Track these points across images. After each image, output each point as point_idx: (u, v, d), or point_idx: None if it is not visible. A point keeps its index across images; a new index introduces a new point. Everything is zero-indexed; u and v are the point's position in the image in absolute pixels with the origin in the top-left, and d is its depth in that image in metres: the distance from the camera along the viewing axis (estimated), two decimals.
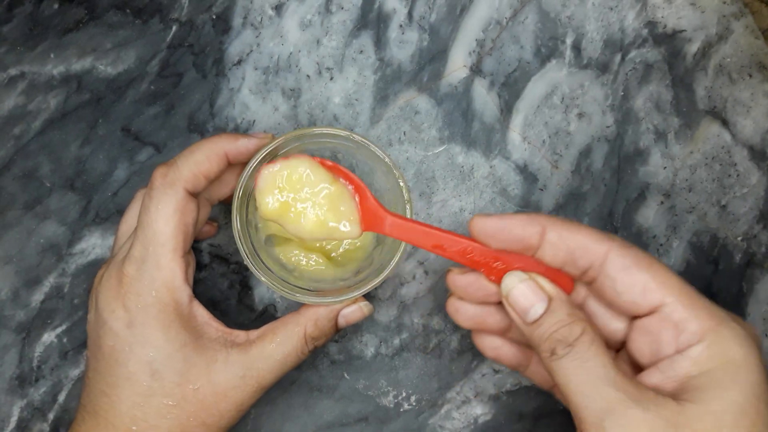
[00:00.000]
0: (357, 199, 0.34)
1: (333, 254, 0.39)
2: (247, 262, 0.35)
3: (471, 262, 0.32)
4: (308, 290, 0.36)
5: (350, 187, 0.34)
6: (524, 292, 0.31)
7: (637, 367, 0.31)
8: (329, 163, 0.34)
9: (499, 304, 0.33)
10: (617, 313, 0.32)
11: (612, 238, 0.30)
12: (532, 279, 0.31)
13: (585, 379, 0.28)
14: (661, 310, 0.29)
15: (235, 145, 0.35)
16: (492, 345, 0.36)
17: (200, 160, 0.34)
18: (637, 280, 0.29)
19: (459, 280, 0.34)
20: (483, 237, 0.32)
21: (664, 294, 0.29)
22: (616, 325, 0.32)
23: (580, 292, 0.33)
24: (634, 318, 0.31)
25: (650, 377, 0.29)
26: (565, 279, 0.32)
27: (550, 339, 0.30)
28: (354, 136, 0.35)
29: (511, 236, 0.31)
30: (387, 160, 0.35)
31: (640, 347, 0.30)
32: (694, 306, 0.28)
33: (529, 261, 0.32)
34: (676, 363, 0.28)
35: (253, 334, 0.35)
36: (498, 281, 0.32)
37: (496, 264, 0.32)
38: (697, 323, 0.28)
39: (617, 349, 0.33)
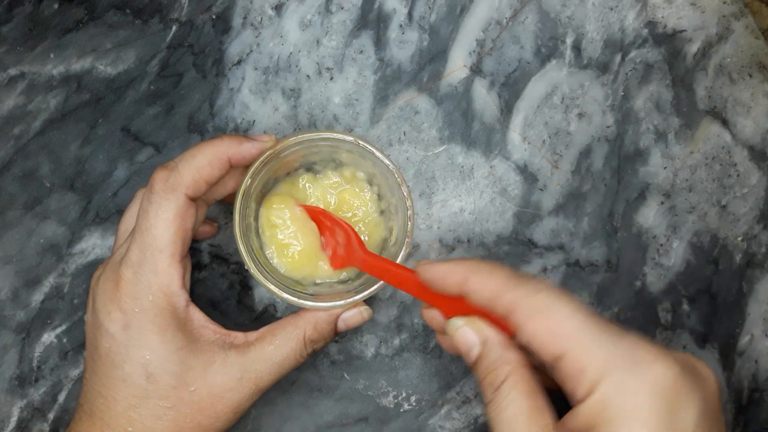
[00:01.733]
0: (334, 245, 0.37)
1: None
2: (249, 266, 0.35)
3: (429, 300, 0.34)
4: (308, 294, 0.35)
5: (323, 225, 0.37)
6: (462, 337, 0.31)
7: None
8: (312, 208, 0.37)
9: None
10: None
11: (524, 283, 0.30)
12: (468, 323, 0.31)
13: (503, 427, 0.28)
14: (564, 357, 0.28)
15: (238, 150, 0.34)
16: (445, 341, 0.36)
17: (202, 165, 0.33)
18: (539, 329, 0.29)
19: (426, 314, 0.35)
20: (424, 283, 0.33)
21: (562, 343, 0.28)
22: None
23: None
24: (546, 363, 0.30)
25: (571, 420, 0.28)
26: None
27: (483, 383, 0.30)
28: (360, 141, 0.35)
29: (439, 284, 0.32)
30: (393, 168, 0.35)
31: (565, 388, 0.29)
32: (587, 354, 0.27)
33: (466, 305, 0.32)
34: (581, 411, 0.27)
35: (252, 335, 0.35)
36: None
37: (445, 304, 0.33)
38: (591, 373, 0.27)
39: None
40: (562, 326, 0.28)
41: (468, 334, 0.31)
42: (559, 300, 0.29)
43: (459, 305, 0.32)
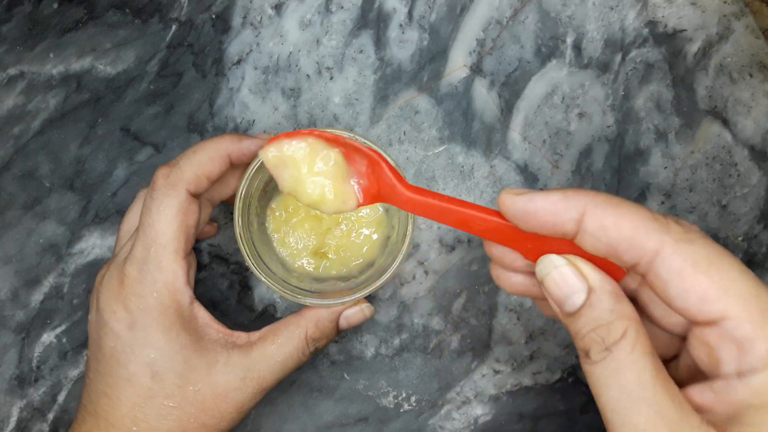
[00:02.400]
0: (364, 169, 0.30)
1: (331, 255, 0.39)
2: (250, 264, 0.35)
3: (503, 240, 0.28)
4: (310, 292, 0.35)
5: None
6: (560, 279, 0.26)
7: (696, 372, 0.26)
8: (329, 134, 0.31)
9: None
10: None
11: (668, 227, 0.24)
12: (570, 264, 0.26)
13: (618, 395, 0.24)
14: (722, 323, 0.23)
15: (239, 147, 0.35)
16: (514, 281, 0.31)
17: (203, 161, 0.34)
18: (693, 286, 0.24)
19: (494, 249, 0.30)
20: (511, 217, 0.26)
21: (727, 305, 0.23)
22: (675, 320, 0.27)
23: (636, 276, 0.28)
24: (693, 323, 0.25)
25: (702, 395, 0.24)
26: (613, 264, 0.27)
27: (587, 338, 0.25)
28: (361, 139, 0.35)
29: (541, 221, 0.26)
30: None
31: (699, 355, 0.25)
32: (765, 323, 0.23)
33: (567, 245, 0.27)
34: (734, 387, 0.23)
35: (254, 335, 0.35)
36: (535, 260, 0.27)
37: (530, 245, 0.28)
38: (766, 346, 0.23)
39: (676, 349, 0.28)
40: (726, 287, 0.23)
41: (570, 277, 0.26)
42: (721, 255, 0.24)
43: (545, 247, 0.27)
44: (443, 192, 0.42)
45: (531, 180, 0.42)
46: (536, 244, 0.27)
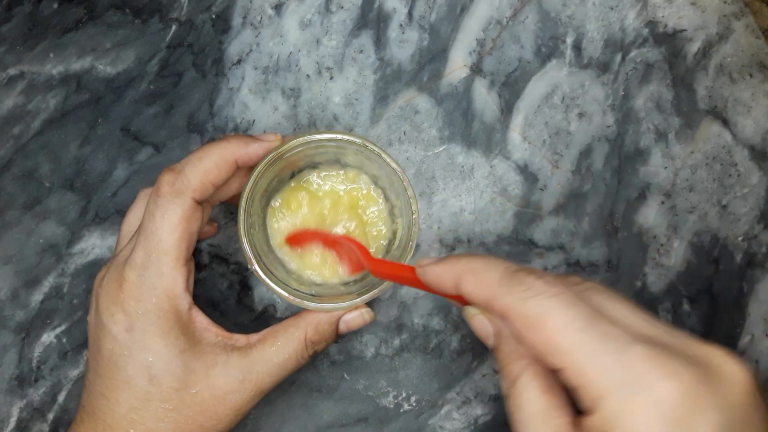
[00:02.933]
0: (348, 258, 0.37)
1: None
2: (253, 266, 0.35)
3: (442, 294, 0.33)
4: (310, 295, 0.35)
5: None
6: (478, 325, 0.30)
7: None
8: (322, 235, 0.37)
9: None
10: None
11: (516, 284, 0.27)
12: (484, 312, 0.30)
13: (519, 427, 0.27)
14: (564, 371, 0.26)
15: (246, 151, 0.34)
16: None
17: (209, 168, 0.33)
18: (534, 341, 0.26)
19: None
20: (424, 283, 0.32)
21: (558, 358, 0.25)
22: None
23: None
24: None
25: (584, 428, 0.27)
26: None
27: (501, 373, 0.29)
28: (367, 143, 0.35)
29: (438, 288, 0.31)
30: (399, 172, 0.35)
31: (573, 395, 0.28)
32: (591, 367, 0.25)
33: None
34: (586, 425, 0.25)
35: (254, 337, 0.35)
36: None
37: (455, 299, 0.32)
38: (595, 388, 0.25)
39: None
40: (556, 340, 0.26)
41: (482, 323, 0.30)
42: (554, 308, 0.26)
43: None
44: (443, 192, 0.42)
45: (531, 180, 0.42)
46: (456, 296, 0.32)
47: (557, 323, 0.26)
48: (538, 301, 0.26)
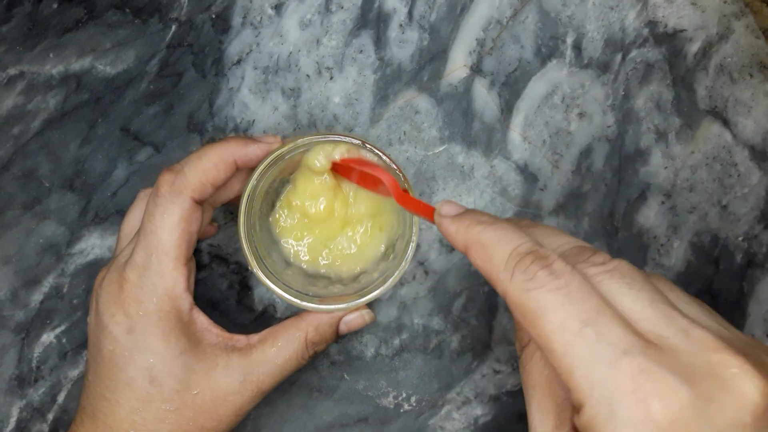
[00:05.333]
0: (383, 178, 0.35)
1: (336, 261, 0.39)
2: (253, 267, 0.35)
3: None
4: (311, 296, 0.35)
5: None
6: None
7: None
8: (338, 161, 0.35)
9: None
10: None
11: (511, 273, 0.26)
12: None
13: (526, 393, 0.27)
14: (554, 366, 0.25)
15: (245, 152, 0.34)
16: None
17: (208, 168, 0.33)
18: (529, 330, 0.25)
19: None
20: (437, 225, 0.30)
21: (551, 352, 0.24)
22: None
23: None
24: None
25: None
26: None
27: (516, 335, 0.29)
28: (368, 144, 0.35)
29: (449, 239, 0.29)
30: (399, 172, 0.35)
31: None
32: (579, 371, 0.23)
33: None
34: (576, 420, 0.24)
35: (254, 338, 0.35)
36: None
37: None
38: (581, 392, 0.23)
39: None
40: (549, 339, 0.24)
41: None
42: (552, 304, 0.24)
43: None
44: (443, 192, 0.42)
45: (531, 180, 0.42)
46: None
47: (552, 322, 0.24)
48: (538, 294, 0.25)
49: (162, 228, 0.33)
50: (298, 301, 0.35)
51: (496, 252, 0.26)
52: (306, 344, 0.35)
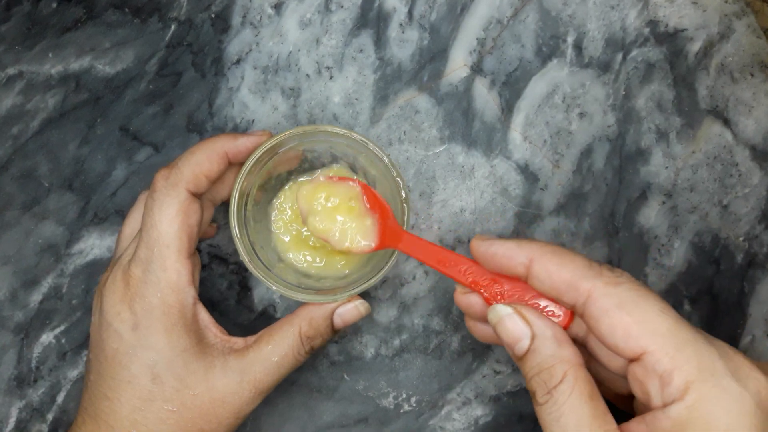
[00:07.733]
0: (377, 217, 0.35)
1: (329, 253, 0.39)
2: (245, 260, 0.35)
3: (471, 283, 0.32)
4: (304, 288, 0.36)
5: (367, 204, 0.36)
6: (509, 325, 0.29)
7: (644, 407, 0.28)
8: (354, 181, 0.36)
9: None
10: None
11: (599, 273, 0.28)
12: (517, 312, 0.29)
13: None
14: (644, 358, 0.26)
15: (235, 144, 0.35)
16: (483, 331, 0.34)
17: (200, 160, 0.34)
18: (617, 324, 0.26)
19: (462, 300, 0.34)
20: (478, 257, 0.31)
21: (647, 341, 0.26)
22: (618, 362, 0.30)
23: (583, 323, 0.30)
24: (625, 359, 0.28)
25: (638, 428, 0.26)
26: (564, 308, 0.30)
27: (533, 381, 0.28)
28: (353, 134, 0.35)
29: (498, 262, 0.30)
30: (386, 159, 0.35)
31: (636, 390, 0.27)
32: (679, 356, 0.25)
33: (525, 287, 0.31)
34: (659, 419, 0.25)
35: (250, 339, 0.35)
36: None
37: (494, 287, 0.31)
38: (681, 377, 0.25)
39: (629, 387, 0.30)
40: (646, 324, 0.26)
41: (517, 324, 0.29)
42: (644, 296, 0.26)
43: (503, 292, 0.30)
44: (443, 192, 0.42)
45: (532, 180, 0.42)
46: (500, 284, 0.31)
47: (649, 310, 0.26)
48: (629, 287, 0.27)
49: (161, 221, 0.33)
50: (288, 291, 0.35)
51: (574, 257, 0.28)
52: (301, 339, 0.35)
